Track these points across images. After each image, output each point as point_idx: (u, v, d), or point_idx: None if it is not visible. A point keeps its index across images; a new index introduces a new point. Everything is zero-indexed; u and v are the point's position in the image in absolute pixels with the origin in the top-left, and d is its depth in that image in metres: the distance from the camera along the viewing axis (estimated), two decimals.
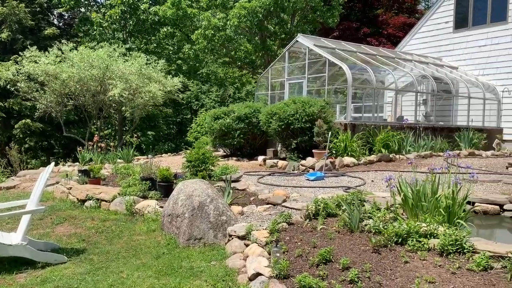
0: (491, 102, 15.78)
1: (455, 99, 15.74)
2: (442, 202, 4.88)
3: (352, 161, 10.60)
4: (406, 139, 12.49)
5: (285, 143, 11.68)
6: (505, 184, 8.05)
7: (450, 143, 13.81)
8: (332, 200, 5.72)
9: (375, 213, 5.04)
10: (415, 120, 14.64)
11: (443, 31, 17.47)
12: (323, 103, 11.59)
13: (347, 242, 4.47)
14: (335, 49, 14.34)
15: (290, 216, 5.29)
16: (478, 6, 16.34)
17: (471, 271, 3.60)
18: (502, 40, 15.51)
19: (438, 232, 4.28)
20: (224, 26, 21.20)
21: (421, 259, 3.91)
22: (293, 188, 7.95)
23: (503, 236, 5.98)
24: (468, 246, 3.93)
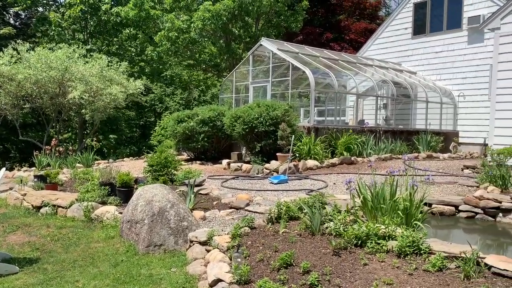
0: (448, 106, 16.37)
1: (414, 103, 16.23)
2: (400, 204, 4.99)
3: (315, 164, 10.71)
4: (367, 142, 12.75)
5: (250, 146, 11.67)
6: (461, 186, 8.35)
7: (409, 146, 14.21)
8: (295, 203, 5.75)
9: (336, 215, 5.09)
10: (375, 124, 14.98)
11: (402, 37, 18.00)
12: (287, 106, 11.67)
13: (308, 245, 4.49)
14: (298, 54, 14.49)
15: (252, 220, 5.27)
16: (435, 13, 16.94)
17: (427, 272, 3.69)
18: (457, 46, 16.14)
19: (396, 234, 4.37)
20: (188, 28, 21.01)
21: (380, 261, 3.97)
22: (256, 191, 7.94)
23: (459, 237, 6.18)
24: (425, 247, 4.03)
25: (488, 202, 6.53)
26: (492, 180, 7.46)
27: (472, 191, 7.50)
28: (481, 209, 6.57)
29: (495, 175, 7.45)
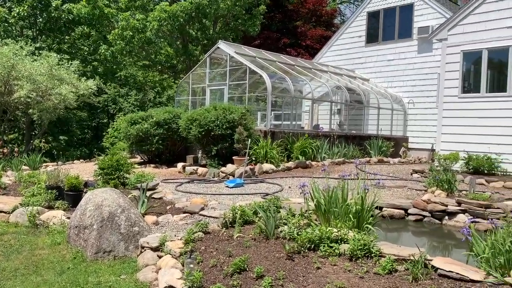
0: (398, 112, 16.98)
1: (366, 109, 16.71)
2: (352, 207, 5.08)
3: (271, 167, 10.76)
4: (322, 146, 12.98)
5: (206, 149, 11.56)
6: (410, 190, 8.65)
7: (361, 151, 14.60)
8: (250, 207, 5.72)
9: (290, 219, 5.11)
10: (330, 129, 15.29)
11: (356, 44, 18.51)
12: (244, 110, 11.67)
13: (263, 250, 4.47)
14: (255, 58, 14.54)
15: (207, 225, 5.19)
16: (387, 23, 17.56)
17: (378, 275, 3.76)
18: (408, 55, 16.81)
19: (348, 237, 4.43)
20: (144, 28, 20.58)
21: (332, 264, 4.02)
22: (212, 195, 7.85)
23: (408, 239, 6.39)
24: (375, 251, 4.11)
25: (435, 205, 6.79)
26: (439, 184, 7.78)
27: (420, 195, 7.79)
28: (429, 212, 6.83)
29: (441, 180, 7.76)
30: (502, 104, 10.82)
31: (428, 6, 16.26)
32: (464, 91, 11.63)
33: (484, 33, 11.18)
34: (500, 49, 10.93)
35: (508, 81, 10.75)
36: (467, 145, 11.18)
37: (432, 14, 16.13)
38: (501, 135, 10.75)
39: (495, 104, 10.94)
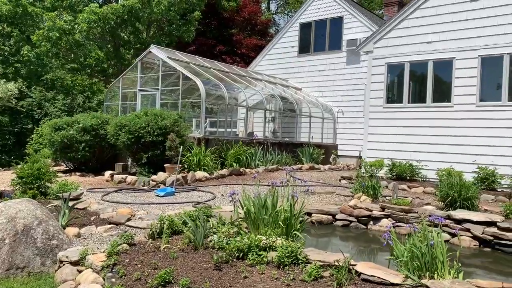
0: (329, 121, 17.58)
1: (298, 117, 17.12)
2: (281, 215, 5.11)
3: (204, 175, 10.63)
4: (256, 153, 13.07)
5: (136, 157, 11.17)
6: (338, 196, 8.93)
7: (294, 158, 14.91)
8: (179, 216, 5.58)
9: (220, 228, 5.04)
10: (264, 136, 15.46)
11: (289, 54, 18.95)
12: (177, 116, 11.45)
13: (190, 261, 4.35)
14: (189, 64, 14.37)
15: (132, 236, 4.98)
16: (318, 34, 18.17)
17: (304, 282, 3.79)
18: (338, 66, 17.48)
19: (276, 244, 4.44)
20: (72, 29, 19.62)
21: (260, 273, 3.99)
22: (140, 205, 7.58)
23: (335, 244, 6.54)
24: (302, 257, 4.15)
25: (361, 211, 7.05)
26: (364, 190, 8.09)
27: (348, 200, 8.05)
28: (355, 217, 7.07)
29: (367, 186, 8.08)
30: (422, 114, 11.55)
31: (356, 19, 17.05)
32: (388, 101, 12.28)
33: (406, 47, 11.90)
34: (421, 62, 11.68)
35: (428, 93, 11.51)
36: (391, 152, 11.79)
37: (360, 27, 16.93)
38: (421, 143, 11.46)
39: (416, 114, 11.65)
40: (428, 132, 11.37)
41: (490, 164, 10.08)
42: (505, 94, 10.31)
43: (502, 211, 6.72)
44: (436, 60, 11.39)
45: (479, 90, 10.71)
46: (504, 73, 10.33)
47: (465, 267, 4.94)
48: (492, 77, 10.58)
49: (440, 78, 11.47)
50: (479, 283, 3.63)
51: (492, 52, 10.52)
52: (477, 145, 10.55)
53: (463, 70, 10.93)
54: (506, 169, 9.74)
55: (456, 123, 10.95)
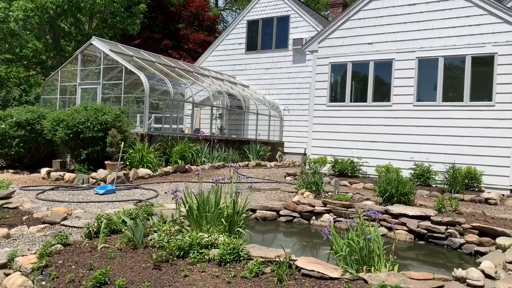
0: (275, 118, 17.76)
1: (246, 114, 17.15)
2: (224, 212, 5.07)
3: (147, 172, 10.35)
4: (202, 150, 12.93)
5: (74, 153, 10.66)
6: (283, 192, 9.02)
7: (241, 155, 14.91)
8: (118, 215, 5.38)
9: (161, 226, 4.91)
10: (210, 133, 15.33)
11: (237, 51, 18.92)
12: (119, 111, 11.05)
13: (129, 261, 4.20)
14: (133, 57, 13.94)
15: (67, 236, 4.73)
16: (265, 32, 18.27)
17: (245, 278, 3.77)
18: (284, 64, 17.68)
19: (218, 242, 4.40)
20: (6, 18, 18.38)
21: (201, 271, 3.93)
22: (78, 203, 7.23)
23: (279, 240, 6.60)
24: (244, 254, 4.13)
25: (304, 206, 7.16)
26: (308, 186, 8.24)
27: (292, 196, 8.15)
28: (298, 213, 7.17)
29: (310, 182, 8.24)
30: (364, 113, 11.94)
31: (302, 19, 17.31)
32: (332, 100, 12.58)
33: (349, 47, 12.24)
34: (362, 63, 12.06)
35: (369, 92, 11.91)
36: (334, 149, 12.11)
37: (306, 27, 17.21)
38: (362, 141, 11.85)
39: (358, 113, 12.03)
40: (369, 130, 11.78)
41: (426, 161, 10.61)
42: (440, 94, 10.89)
43: (436, 205, 7.09)
44: (377, 61, 11.81)
45: (416, 90, 11.23)
46: (439, 75, 10.90)
47: (401, 259, 5.16)
48: (429, 78, 11.14)
49: (381, 78, 11.92)
50: (413, 275, 3.79)
51: (428, 55, 11.06)
52: (414, 143, 11.06)
53: (401, 71, 11.42)
54: (440, 166, 10.30)
55: (395, 122, 11.42)
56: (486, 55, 10.31)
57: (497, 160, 9.96)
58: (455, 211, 6.97)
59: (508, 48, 10.02)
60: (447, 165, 9.99)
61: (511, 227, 6.07)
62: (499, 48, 10.13)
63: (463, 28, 10.62)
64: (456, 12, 10.72)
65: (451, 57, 10.81)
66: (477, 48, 10.42)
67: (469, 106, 10.47)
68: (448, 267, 5.25)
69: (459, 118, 10.55)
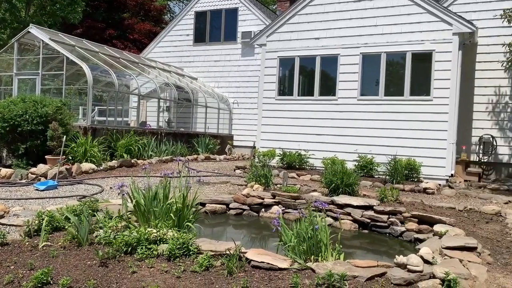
0: (225, 111, 17.71)
1: (194, 107, 16.96)
2: (173, 206, 5.00)
3: (91, 167, 9.98)
4: (149, 144, 12.65)
5: (12, 147, 10.06)
6: (232, 185, 9.04)
7: (189, 148, 14.75)
8: (61, 212, 5.16)
9: (107, 222, 4.77)
10: (158, 126, 15.03)
11: (184, 43, 18.62)
12: (60, 103, 10.55)
13: (73, 259, 4.04)
14: (75, 47, 13.33)
15: (5, 235, 4.48)
16: (214, 25, 18.11)
17: (195, 273, 3.75)
18: (233, 57, 17.64)
19: (167, 237, 4.34)
20: None
21: (149, 267, 3.86)
22: (16, 200, 6.85)
23: (229, 233, 6.61)
24: (194, 248, 4.11)
25: (253, 199, 7.22)
26: (257, 179, 8.31)
27: (241, 189, 8.18)
28: (248, 205, 7.22)
29: (259, 175, 8.31)
30: (311, 106, 12.18)
31: (250, 12, 17.33)
32: (280, 93, 12.73)
33: (297, 42, 12.42)
34: (309, 57, 12.28)
35: (315, 87, 12.17)
36: (283, 142, 12.28)
37: (254, 20, 17.24)
38: (310, 134, 12.10)
39: (305, 107, 12.26)
40: (316, 124, 12.05)
41: (369, 153, 11.03)
42: (382, 89, 11.33)
43: (378, 195, 7.40)
44: (323, 56, 12.07)
45: (360, 85, 11.61)
46: (382, 70, 11.33)
47: (347, 248, 5.34)
48: (372, 73, 11.54)
49: (327, 73, 12.20)
50: (358, 263, 3.94)
51: (371, 50, 11.46)
52: (358, 136, 11.45)
53: (346, 66, 11.75)
54: (382, 158, 10.74)
55: (340, 116, 11.76)
56: (425, 52, 10.85)
57: (435, 152, 10.54)
58: (396, 201, 7.32)
59: (444, 46, 10.59)
60: (389, 157, 10.44)
61: (447, 215, 6.47)
62: (437, 45, 10.69)
63: (404, 25, 11.09)
64: (398, 10, 11.17)
65: (393, 53, 11.27)
66: (417, 45, 10.93)
67: (409, 100, 10.98)
68: (390, 254, 5.50)
69: (400, 112, 11.04)
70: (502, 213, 6.94)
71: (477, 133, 11.95)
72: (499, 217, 6.76)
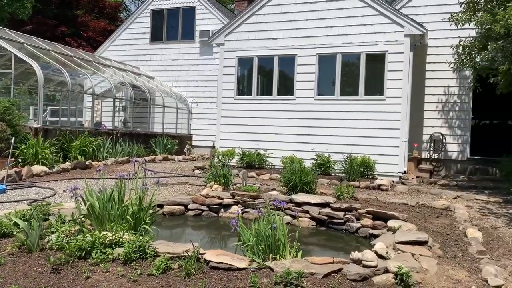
0: (183, 111, 17.50)
1: (151, 107, 16.66)
2: (129, 208, 4.89)
3: (43, 169, 9.58)
4: (104, 145, 12.30)
5: None
6: (191, 186, 8.95)
7: (147, 149, 14.48)
8: (9, 217, 4.93)
9: (59, 227, 4.60)
10: (113, 126, 14.65)
11: (141, 41, 18.24)
12: (8, 103, 10.05)
13: (22, 266, 3.87)
14: (24, 44, 12.75)
15: None
16: (171, 23, 17.85)
17: (152, 276, 3.69)
18: (191, 56, 17.46)
19: (123, 240, 4.24)
20: None
21: (104, 271, 3.76)
22: None
23: (188, 234, 6.55)
24: (151, 251, 4.04)
25: (213, 199, 7.18)
26: (216, 179, 8.27)
27: (200, 190, 8.11)
28: (207, 206, 7.17)
29: (219, 175, 8.28)
30: (269, 106, 12.26)
31: (208, 11, 17.22)
32: (239, 93, 12.73)
33: (255, 42, 12.47)
34: (268, 57, 12.36)
35: (274, 87, 12.26)
36: (242, 142, 12.29)
37: (212, 19, 17.15)
38: (269, 133, 12.18)
39: (264, 106, 12.33)
40: (275, 123, 12.15)
41: (326, 152, 11.25)
42: (338, 89, 11.57)
43: (335, 193, 7.56)
44: (281, 56, 12.19)
45: (317, 85, 11.81)
46: (337, 71, 11.57)
47: (305, 245, 5.42)
48: (328, 73, 11.77)
49: (285, 73, 12.33)
50: (315, 260, 4.01)
51: (327, 51, 11.69)
52: (315, 135, 11.65)
53: (304, 67, 11.92)
54: (339, 156, 10.98)
55: (298, 115, 11.91)
56: (378, 53, 11.18)
57: (388, 150, 10.89)
58: (352, 198, 7.51)
59: (397, 47, 10.96)
60: (345, 155, 10.69)
61: (400, 211, 6.71)
62: (390, 46, 11.04)
63: (359, 26, 11.38)
64: (353, 12, 11.44)
65: (348, 54, 11.54)
66: (371, 46, 11.25)
67: (364, 100, 11.28)
68: (347, 250, 5.63)
69: (355, 111, 11.33)
70: (451, 207, 7.27)
71: (428, 131, 12.45)
72: (448, 211, 7.08)
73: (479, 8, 9.28)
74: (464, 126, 12.19)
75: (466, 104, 12.17)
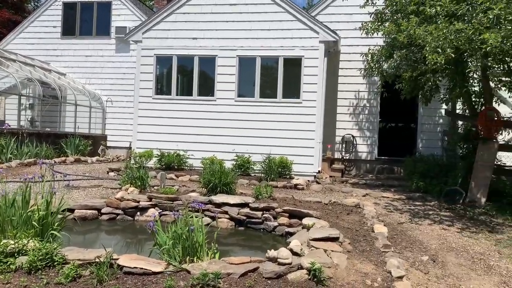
0: (97, 110, 16.68)
1: (62, 105, 15.67)
2: (36, 214, 4.56)
3: None
4: (8, 145, 11.33)
5: None
6: (105, 189, 8.56)
7: (57, 150, 13.59)
8: None
9: None
10: (18, 125, 13.55)
11: (51, 35, 17.06)
12: None
13: None
14: None
15: None
16: (85, 17, 16.92)
17: (60, 285, 3.48)
18: (107, 53, 16.69)
19: (28, 248, 3.94)
20: None
21: (5, 283, 3.46)
22: None
23: (102, 239, 6.25)
24: (59, 258, 3.80)
25: (128, 202, 6.94)
26: (132, 181, 8.00)
27: (115, 193, 7.79)
28: (122, 210, 6.92)
29: (135, 177, 8.02)
30: (189, 106, 12.13)
31: (125, 7, 16.60)
32: (157, 93, 12.44)
33: (174, 41, 12.25)
34: (188, 57, 12.21)
35: (194, 87, 12.15)
36: (161, 143, 12.02)
37: (129, 15, 16.56)
38: (189, 134, 12.04)
39: (184, 106, 12.16)
40: (195, 124, 12.05)
41: (246, 153, 11.40)
42: (257, 91, 11.78)
43: (254, 193, 7.69)
44: (202, 56, 12.12)
45: (237, 86, 11.92)
46: (257, 73, 11.78)
47: (223, 246, 5.44)
48: (248, 76, 11.93)
49: (206, 73, 12.28)
50: (232, 260, 4.04)
51: (247, 54, 11.85)
52: (236, 135, 11.74)
53: (224, 68, 11.97)
54: (258, 157, 11.18)
55: (219, 116, 11.93)
56: (295, 57, 11.57)
57: (304, 151, 11.31)
58: (270, 197, 7.69)
59: (312, 52, 11.43)
60: (264, 156, 10.91)
61: (314, 208, 7.00)
62: (306, 51, 11.48)
63: (277, 31, 11.69)
64: (271, 16, 11.72)
65: (267, 58, 11.80)
66: (288, 51, 11.61)
67: (282, 102, 11.61)
68: (264, 249, 5.74)
69: (274, 113, 11.61)
70: (361, 205, 7.74)
71: (340, 133, 13.15)
72: (358, 208, 7.53)
73: (386, 19, 9.98)
74: (373, 128, 13.05)
75: (374, 108, 13.04)
